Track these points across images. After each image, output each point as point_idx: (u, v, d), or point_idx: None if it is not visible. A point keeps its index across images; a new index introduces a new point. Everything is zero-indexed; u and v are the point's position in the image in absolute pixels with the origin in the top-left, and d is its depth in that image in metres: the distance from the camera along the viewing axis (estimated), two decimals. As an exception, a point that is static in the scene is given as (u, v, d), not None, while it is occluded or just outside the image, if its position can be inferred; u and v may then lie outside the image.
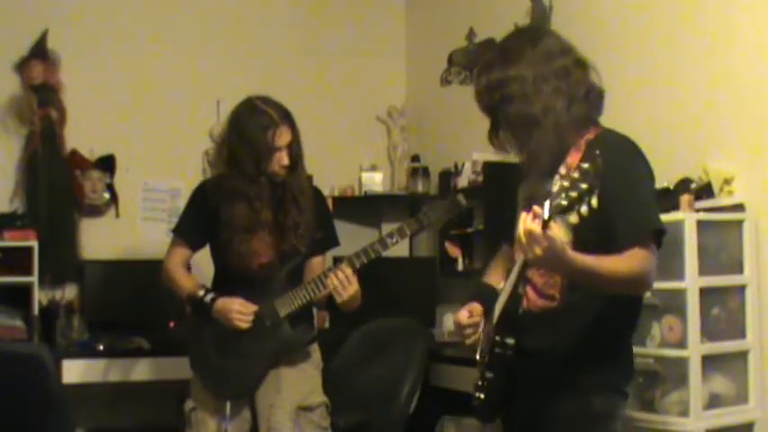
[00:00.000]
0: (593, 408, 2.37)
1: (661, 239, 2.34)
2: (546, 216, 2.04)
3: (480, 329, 2.49)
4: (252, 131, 3.23)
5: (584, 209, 2.01)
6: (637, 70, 4.18)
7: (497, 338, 2.37)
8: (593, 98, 2.40)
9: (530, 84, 2.33)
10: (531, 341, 2.37)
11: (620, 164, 2.23)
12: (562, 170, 2.32)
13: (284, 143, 3.25)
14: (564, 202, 2.02)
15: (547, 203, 2.04)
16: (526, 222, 2.07)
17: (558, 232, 2.11)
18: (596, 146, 2.29)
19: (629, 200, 2.26)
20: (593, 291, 2.30)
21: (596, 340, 2.37)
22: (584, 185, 2.00)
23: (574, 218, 2.05)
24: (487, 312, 2.50)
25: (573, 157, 2.34)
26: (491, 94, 2.39)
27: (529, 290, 2.40)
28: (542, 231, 2.05)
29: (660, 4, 4.18)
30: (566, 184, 2.03)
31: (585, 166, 2.01)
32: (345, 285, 3.16)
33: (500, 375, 2.39)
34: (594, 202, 2.00)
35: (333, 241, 3.48)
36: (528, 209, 2.09)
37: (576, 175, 2.02)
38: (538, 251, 2.07)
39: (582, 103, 2.36)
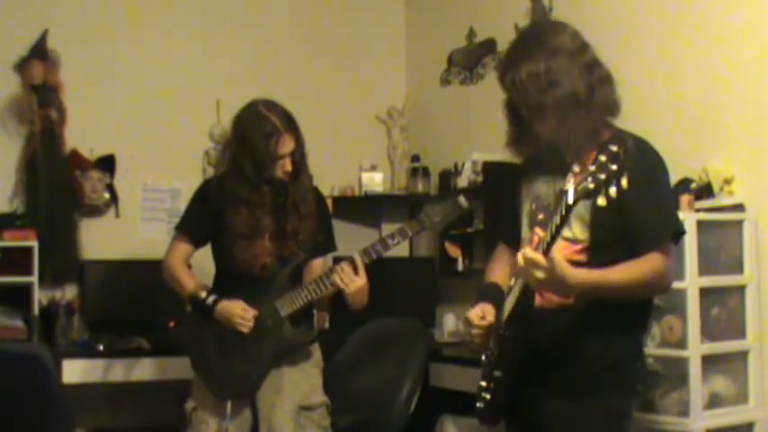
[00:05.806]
0: (610, 407, 2.35)
1: (679, 239, 2.34)
2: (571, 200, 2.02)
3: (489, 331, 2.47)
4: (254, 139, 3.22)
5: (612, 190, 2.00)
6: (637, 70, 4.17)
7: (507, 333, 2.34)
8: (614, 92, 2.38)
9: (570, 67, 2.27)
10: (545, 339, 2.35)
11: (638, 165, 2.20)
12: (576, 168, 2.31)
13: (287, 151, 3.24)
14: (591, 185, 2.00)
15: (571, 189, 2.02)
16: (526, 252, 2.10)
17: (560, 255, 2.11)
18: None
19: (647, 202, 2.23)
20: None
21: (612, 339, 2.35)
22: (613, 166, 1.98)
23: (602, 200, 2.03)
24: (498, 313, 2.46)
25: (589, 156, 2.32)
26: (535, 82, 2.26)
27: None
28: (544, 255, 2.06)
29: (660, 4, 4.18)
30: (592, 168, 2.01)
31: (614, 148, 1.99)
32: (352, 278, 3.16)
33: (509, 373, 2.37)
34: (624, 182, 1.99)
35: (331, 246, 3.48)
36: (531, 227, 2.07)
37: (603, 158, 2.00)
38: (540, 275, 2.09)
39: (610, 89, 2.34)
